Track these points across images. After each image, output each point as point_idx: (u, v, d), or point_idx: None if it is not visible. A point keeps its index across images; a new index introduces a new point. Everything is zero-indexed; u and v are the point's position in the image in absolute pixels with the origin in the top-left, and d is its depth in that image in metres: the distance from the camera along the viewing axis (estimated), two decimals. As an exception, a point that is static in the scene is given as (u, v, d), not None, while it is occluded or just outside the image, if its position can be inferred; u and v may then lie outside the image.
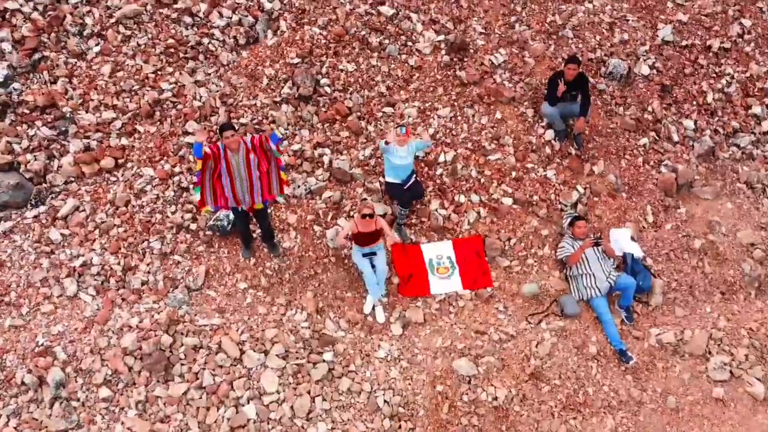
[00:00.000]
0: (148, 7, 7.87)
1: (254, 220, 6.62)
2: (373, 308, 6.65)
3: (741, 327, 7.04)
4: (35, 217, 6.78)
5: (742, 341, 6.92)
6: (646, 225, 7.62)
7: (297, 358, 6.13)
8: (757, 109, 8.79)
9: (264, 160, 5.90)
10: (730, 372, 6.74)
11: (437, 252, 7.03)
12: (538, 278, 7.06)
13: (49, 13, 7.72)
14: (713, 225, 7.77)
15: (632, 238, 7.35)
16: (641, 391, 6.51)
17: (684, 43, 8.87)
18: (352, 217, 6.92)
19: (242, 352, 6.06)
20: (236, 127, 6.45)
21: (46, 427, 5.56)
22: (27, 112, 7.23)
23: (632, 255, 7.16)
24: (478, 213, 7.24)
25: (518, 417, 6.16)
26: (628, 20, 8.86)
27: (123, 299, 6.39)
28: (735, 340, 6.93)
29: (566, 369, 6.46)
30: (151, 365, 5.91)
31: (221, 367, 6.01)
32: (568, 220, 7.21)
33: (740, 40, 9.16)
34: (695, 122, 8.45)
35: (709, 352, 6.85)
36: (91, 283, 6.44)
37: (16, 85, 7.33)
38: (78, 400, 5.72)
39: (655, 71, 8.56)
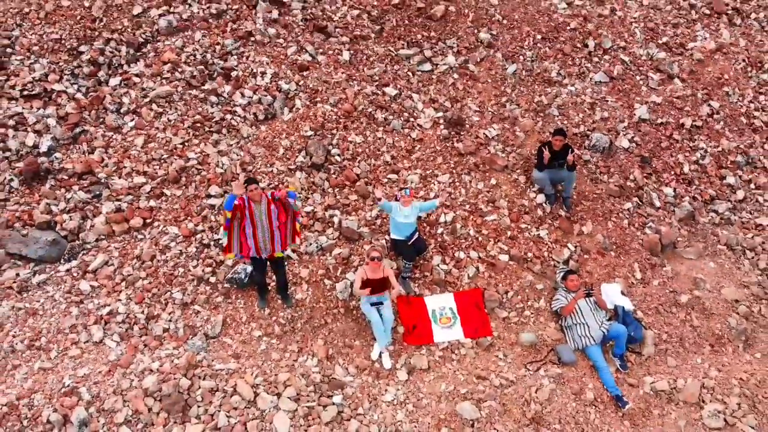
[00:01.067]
0: (179, 89, 8.87)
1: (270, 272, 7.16)
2: (380, 355, 7.03)
3: (731, 377, 7.36)
4: (67, 270, 7.33)
5: (734, 390, 7.22)
6: (634, 281, 8.13)
7: (308, 401, 6.43)
8: (731, 179, 9.57)
9: (283, 213, 6.55)
10: (725, 420, 6.98)
11: (440, 304, 7.50)
12: (535, 328, 7.48)
13: (91, 94, 8.71)
14: (698, 282, 8.28)
15: (622, 293, 7.85)
16: (639, 437, 6.75)
17: (659, 120, 9.82)
18: (361, 265, 7.46)
19: (256, 395, 6.37)
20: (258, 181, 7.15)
21: (68, 464, 5.80)
22: (66, 177, 7.99)
23: (623, 307, 7.63)
24: (477, 268, 7.79)
25: (521, 460, 6.38)
26: (607, 101, 9.87)
27: (145, 345, 6.79)
28: (727, 390, 7.23)
29: (565, 414, 6.72)
30: (170, 406, 6.22)
31: (236, 408, 6.30)
32: (561, 274, 7.74)
33: (710, 119, 10.14)
34: (674, 189, 9.20)
35: (703, 401, 7.13)
36: (116, 330, 6.86)
37: (57, 154, 8.17)
38: (99, 438, 5.99)
39: (634, 144, 9.44)
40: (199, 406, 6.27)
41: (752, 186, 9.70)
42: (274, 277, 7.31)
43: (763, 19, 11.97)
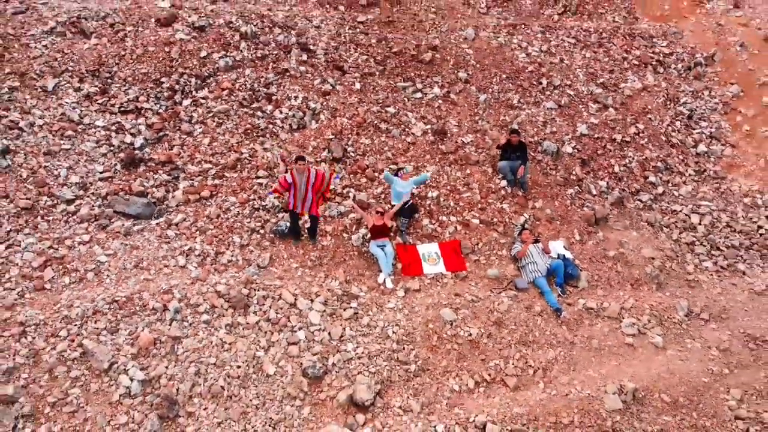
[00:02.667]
0: (234, 107, 11.97)
1: (305, 220, 9.93)
2: (384, 280, 9.64)
3: (645, 304, 9.94)
4: (157, 223, 10.06)
5: (646, 312, 9.79)
6: (574, 241, 10.85)
7: (333, 306, 9.00)
8: (653, 179, 12.50)
9: (318, 185, 9.42)
10: (638, 330, 9.50)
11: (428, 249, 10.19)
12: (499, 268, 10.13)
13: (170, 110, 11.79)
14: (623, 243, 11.00)
15: (564, 247, 10.56)
16: (573, 336, 9.24)
17: (596, 135, 12.89)
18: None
19: (296, 300, 8.94)
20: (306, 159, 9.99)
21: (167, 334, 8.29)
22: (153, 164, 10.89)
23: (564, 255, 10.31)
24: (455, 227, 10.53)
25: (486, 347, 8.84)
26: (556, 120, 12.98)
27: (215, 269, 9.42)
28: (640, 311, 9.80)
29: (519, 320, 9.26)
30: (236, 303, 8.79)
31: (281, 308, 8.86)
32: (518, 231, 10.49)
33: (637, 136, 13.22)
34: (607, 183, 12.11)
35: (622, 317, 9.67)
36: (195, 260, 9.50)
37: (147, 149, 11.11)
38: (187, 321, 8.50)
39: (576, 151, 12.44)
40: (255, 306, 8.85)
41: (670, 184, 12.62)
42: (305, 227, 10.06)
43: (680, 68, 15.37)
